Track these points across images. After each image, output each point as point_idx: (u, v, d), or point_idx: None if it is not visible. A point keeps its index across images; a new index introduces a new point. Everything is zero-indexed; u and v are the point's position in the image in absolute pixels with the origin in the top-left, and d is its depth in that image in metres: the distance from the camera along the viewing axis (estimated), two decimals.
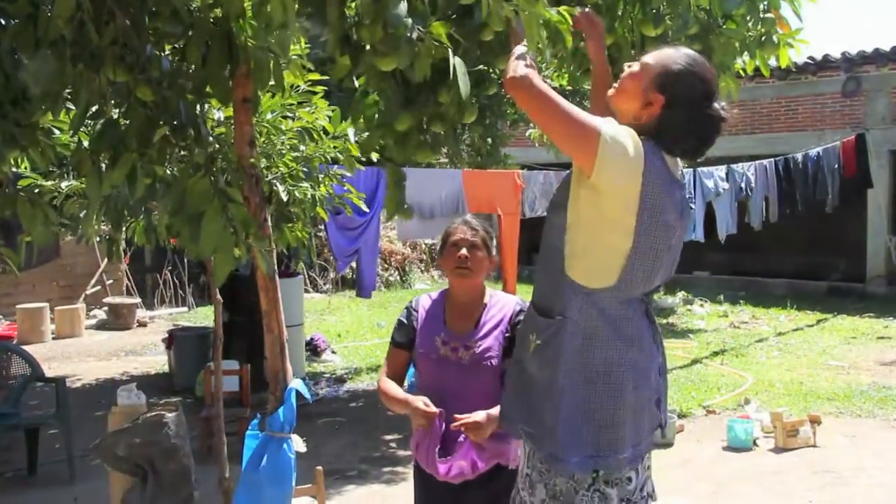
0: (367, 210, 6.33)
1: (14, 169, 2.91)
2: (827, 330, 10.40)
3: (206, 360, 6.80)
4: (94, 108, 2.35)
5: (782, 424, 5.76)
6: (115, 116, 2.40)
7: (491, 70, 2.42)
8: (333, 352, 9.27)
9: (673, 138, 2.11)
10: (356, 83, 2.36)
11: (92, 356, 9.69)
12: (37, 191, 3.00)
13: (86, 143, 2.57)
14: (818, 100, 13.34)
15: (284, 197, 3.32)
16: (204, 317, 11.75)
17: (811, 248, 13.97)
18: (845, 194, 11.31)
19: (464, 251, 2.73)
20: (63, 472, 5.32)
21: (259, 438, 2.58)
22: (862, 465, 5.37)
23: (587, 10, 2.44)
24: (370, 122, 2.36)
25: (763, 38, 2.90)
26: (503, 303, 2.81)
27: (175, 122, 2.32)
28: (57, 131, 2.83)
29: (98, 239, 4.05)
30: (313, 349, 8.97)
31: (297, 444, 2.61)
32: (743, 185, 10.59)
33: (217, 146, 2.63)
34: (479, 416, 2.58)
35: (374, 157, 2.76)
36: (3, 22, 2.27)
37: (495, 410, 2.56)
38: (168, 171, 2.54)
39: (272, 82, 2.43)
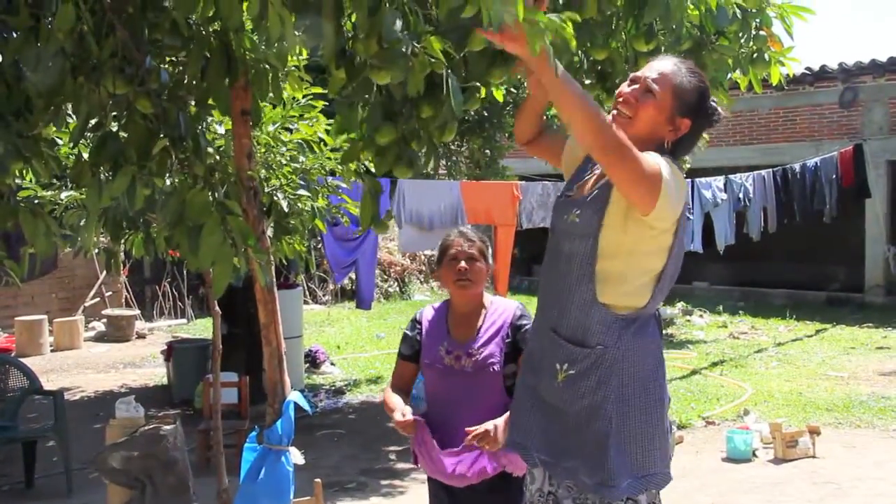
0: None
1: (17, 180, 2.92)
2: (826, 340, 10.40)
3: (205, 372, 6.79)
4: (94, 120, 2.37)
5: (781, 435, 5.75)
6: (115, 128, 2.42)
7: (477, 84, 2.41)
8: (332, 363, 9.25)
9: (689, 147, 2.24)
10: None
11: (90, 368, 9.68)
12: (37, 202, 3.01)
13: (85, 155, 2.58)
14: (816, 110, 13.40)
15: (286, 208, 3.33)
16: (203, 328, 11.74)
17: (810, 258, 14.00)
18: (843, 204, 11.33)
19: (463, 264, 2.77)
20: (61, 485, 5.30)
21: (257, 451, 2.58)
22: (861, 476, 5.36)
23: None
24: (356, 134, 2.36)
25: (755, 56, 2.93)
26: (503, 308, 2.83)
27: (175, 135, 2.33)
28: (60, 142, 2.84)
29: (97, 251, 4.06)
30: (312, 361, 8.96)
31: (296, 456, 2.61)
32: (741, 195, 10.62)
33: (217, 158, 2.64)
34: (490, 425, 2.59)
35: (352, 167, 2.75)
36: (4, 35, 2.28)
37: (506, 417, 2.58)
38: (167, 183, 2.56)
39: (270, 94, 2.44)
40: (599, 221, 2.11)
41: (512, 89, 7.07)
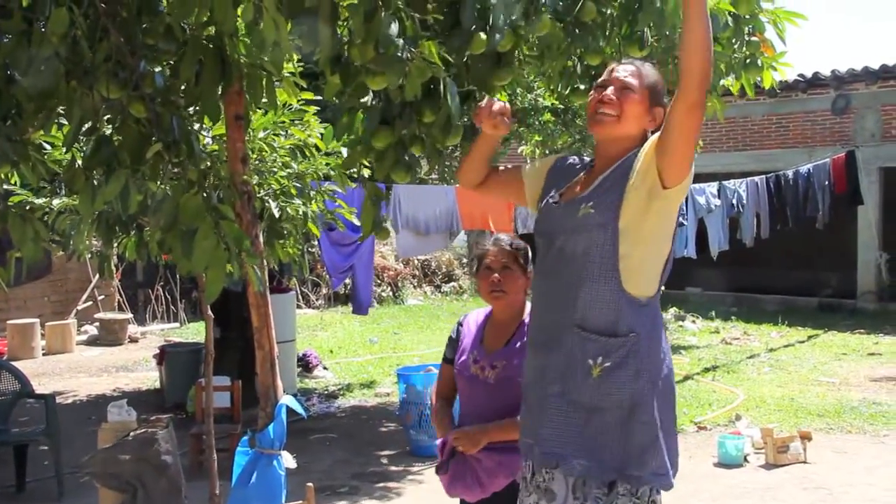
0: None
1: (5, 186, 2.92)
2: (818, 346, 10.43)
3: (197, 376, 6.78)
4: (87, 125, 2.37)
5: (773, 441, 5.76)
6: (109, 133, 2.42)
7: (478, 90, 2.42)
8: (325, 368, 9.24)
9: None
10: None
11: (83, 372, 9.64)
12: (28, 208, 3.01)
13: (78, 160, 2.58)
14: (809, 117, 13.46)
15: (276, 213, 3.33)
16: (196, 332, 11.71)
17: (802, 264, 14.03)
18: (836, 211, 11.37)
19: (496, 275, 2.71)
20: (52, 489, 5.28)
21: (249, 455, 2.58)
22: (852, 481, 5.38)
23: (494, 101, 2.27)
24: (355, 139, 2.37)
25: (748, 61, 2.95)
26: None
27: (168, 139, 2.33)
28: (48, 147, 2.84)
29: (90, 255, 4.05)
30: (305, 365, 8.95)
31: (287, 460, 2.61)
32: (734, 201, 10.63)
33: (209, 163, 2.64)
34: (468, 429, 2.60)
35: (366, 172, 2.77)
36: None
37: (492, 424, 2.58)
38: (161, 188, 2.56)
39: (265, 99, 2.45)
40: (619, 206, 2.14)
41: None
